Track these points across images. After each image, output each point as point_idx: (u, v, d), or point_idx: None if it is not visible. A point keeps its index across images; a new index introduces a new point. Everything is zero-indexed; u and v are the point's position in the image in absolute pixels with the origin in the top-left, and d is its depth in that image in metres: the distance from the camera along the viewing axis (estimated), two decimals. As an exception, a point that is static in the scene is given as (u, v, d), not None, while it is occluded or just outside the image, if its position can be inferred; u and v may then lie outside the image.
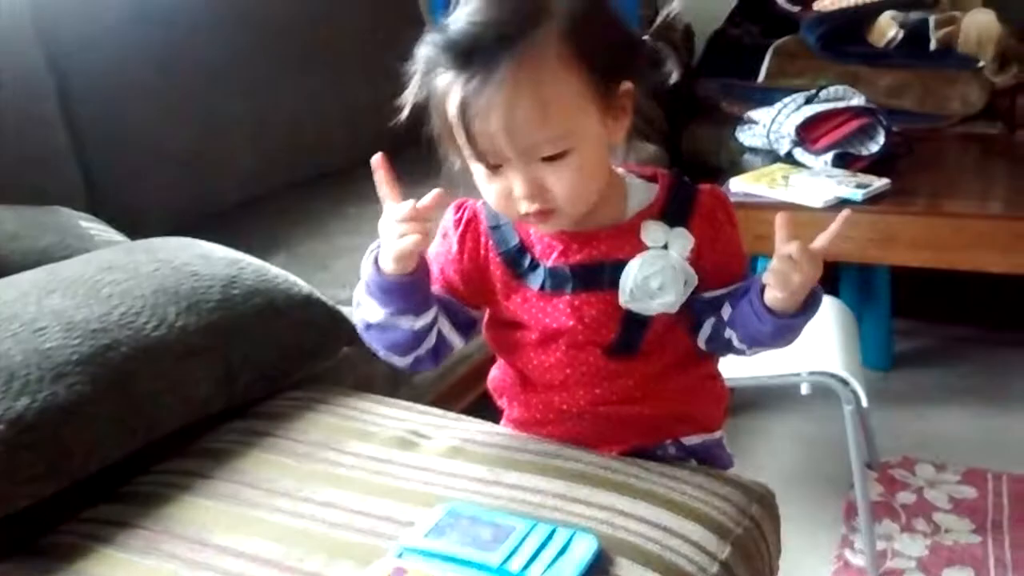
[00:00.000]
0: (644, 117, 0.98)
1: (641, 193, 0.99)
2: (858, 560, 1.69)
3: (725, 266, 0.99)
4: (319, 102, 2.33)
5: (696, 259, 0.97)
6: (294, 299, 1.31)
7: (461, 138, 0.88)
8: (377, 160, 0.95)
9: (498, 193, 0.91)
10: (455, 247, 1.02)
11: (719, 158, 2.58)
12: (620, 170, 1.00)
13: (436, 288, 1.03)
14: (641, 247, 0.96)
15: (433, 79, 0.89)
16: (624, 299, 0.96)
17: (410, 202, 0.92)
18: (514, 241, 0.99)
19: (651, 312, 0.97)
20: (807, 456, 2.02)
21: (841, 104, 2.19)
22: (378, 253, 0.95)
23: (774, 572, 1.05)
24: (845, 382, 1.60)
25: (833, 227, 0.93)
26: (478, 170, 0.92)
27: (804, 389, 1.63)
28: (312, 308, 1.33)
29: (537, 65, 0.85)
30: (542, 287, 0.98)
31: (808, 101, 2.27)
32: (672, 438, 1.08)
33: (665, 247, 0.96)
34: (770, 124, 2.28)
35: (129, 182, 1.92)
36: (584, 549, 0.90)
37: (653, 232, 0.96)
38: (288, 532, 0.97)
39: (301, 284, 1.34)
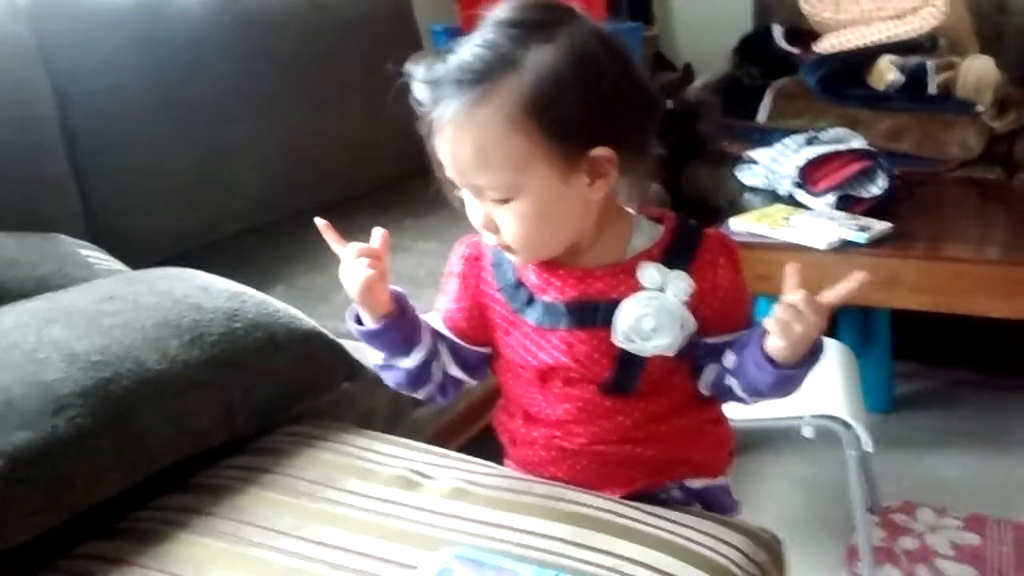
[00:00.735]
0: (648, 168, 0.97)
1: (646, 234, 0.99)
2: (860, 607, 1.67)
3: (728, 313, 0.98)
4: (320, 134, 2.33)
5: (696, 304, 0.96)
6: (295, 333, 1.29)
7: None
8: (321, 224, 1.03)
9: (473, 218, 0.95)
10: (458, 285, 1.05)
11: (719, 197, 2.58)
12: (630, 210, 1.00)
13: (444, 327, 1.06)
14: (637, 287, 0.96)
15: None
16: (617, 339, 0.96)
17: (356, 244, 0.99)
18: (512, 277, 1.00)
19: (646, 353, 0.97)
20: (807, 500, 2.00)
21: (842, 147, 2.19)
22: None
23: (782, 621, 1.04)
24: (848, 425, 1.59)
25: (845, 285, 0.92)
26: (464, 193, 0.95)
27: (807, 432, 1.62)
28: (313, 343, 1.31)
29: (487, 116, 0.87)
30: (539, 322, 0.98)
31: (808, 143, 2.28)
32: (674, 480, 1.07)
33: (662, 289, 0.95)
34: (770, 164, 2.29)
35: (129, 209, 1.91)
36: (592, 596, 0.88)
37: (649, 273, 0.96)
38: (286, 572, 0.96)
39: (303, 318, 1.33)
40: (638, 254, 0.97)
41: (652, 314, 0.95)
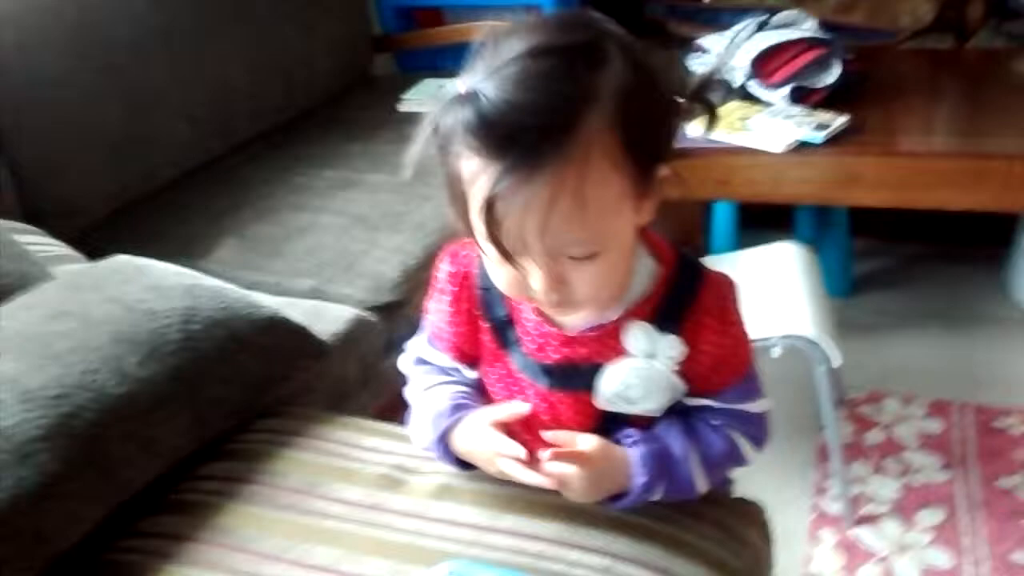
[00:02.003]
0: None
1: (643, 279, 0.89)
2: (834, 508, 1.73)
3: (710, 373, 0.91)
4: (247, 58, 2.21)
5: (686, 363, 0.89)
6: (256, 325, 1.25)
7: (481, 229, 0.76)
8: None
9: (511, 279, 0.82)
10: (452, 308, 0.96)
11: (668, 82, 2.52)
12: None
13: (442, 351, 1.00)
14: (623, 351, 0.89)
15: (455, 156, 0.76)
16: (600, 403, 0.91)
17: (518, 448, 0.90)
18: (501, 312, 0.93)
19: (631, 412, 0.92)
20: (775, 398, 2.02)
21: (795, 34, 2.13)
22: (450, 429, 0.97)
23: (772, 591, 1.06)
24: (816, 343, 1.60)
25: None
26: (490, 251, 0.79)
27: (775, 353, 1.63)
28: (276, 331, 1.27)
29: (584, 165, 0.73)
30: (521, 370, 0.94)
31: (760, 28, 2.20)
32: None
33: (651, 355, 0.89)
34: (723, 53, 2.22)
35: (59, 171, 1.81)
36: (591, 610, 0.89)
37: (638, 339, 0.88)
38: (284, 605, 0.95)
39: (262, 305, 1.28)
40: (631, 310, 0.88)
41: (639, 384, 0.89)
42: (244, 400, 1.22)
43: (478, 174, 0.74)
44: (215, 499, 1.10)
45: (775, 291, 1.74)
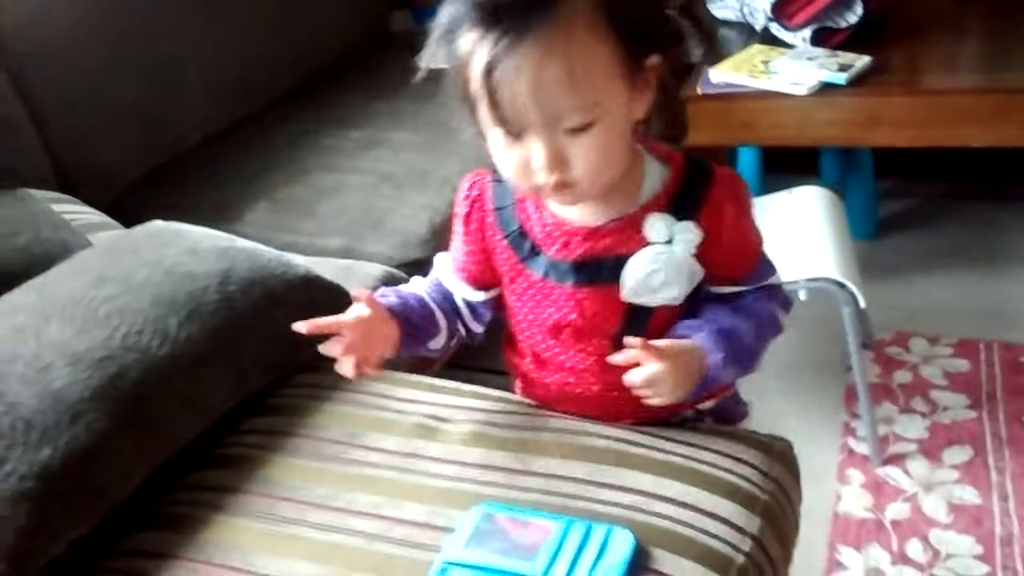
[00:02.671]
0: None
1: (654, 179, 0.95)
2: (862, 448, 1.75)
3: (733, 258, 0.98)
4: (265, 20, 2.24)
5: (703, 250, 0.95)
6: (292, 283, 1.28)
7: (483, 102, 0.84)
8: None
9: (516, 163, 0.88)
10: (464, 228, 1.02)
11: (690, 29, 2.50)
12: (639, 147, 0.96)
13: (456, 273, 1.06)
14: (644, 242, 0.94)
15: (456, 39, 0.84)
16: (626, 295, 0.96)
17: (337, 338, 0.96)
18: (515, 225, 0.98)
19: (654, 304, 0.97)
20: (802, 342, 2.05)
21: (815, -25, 2.11)
22: None
23: (797, 526, 1.09)
24: (842, 284, 1.61)
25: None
26: (495, 137, 0.88)
27: (802, 296, 1.64)
28: (311, 289, 1.31)
29: (569, 30, 0.81)
30: (544, 276, 0.98)
31: (780, -30, 2.18)
32: (690, 408, 1.09)
33: (669, 242, 0.94)
34: (742, -3, 2.21)
35: (90, 139, 1.86)
36: (622, 546, 0.93)
37: (657, 227, 0.94)
38: (330, 549, 0.99)
39: (296, 264, 1.32)
40: (645, 204, 0.94)
41: (661, 269, 0.94)
42: (282, 356, 1.26)
43: (477, 45, 0.83)
44: (259, 452, 1.15)
45: (800, 235, 1.76)
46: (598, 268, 0.96)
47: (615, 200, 0.94)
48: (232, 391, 1.19)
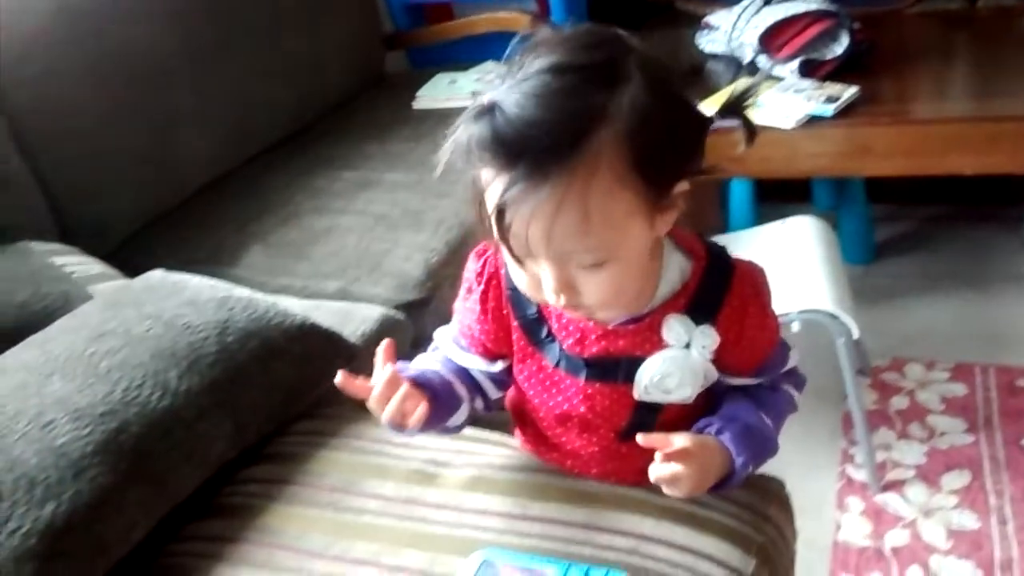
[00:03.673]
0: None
1: (674, 275, 0.92)
2: (860, 475, 1.76)
3: (751, 356, 0.97)
4: (262, 67, 2.25)
5: (720, 353, 0.93)
6: (289, 333, 1.30)
7: (495, 231, 0.81)
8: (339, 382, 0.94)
9: (527, 280, 0.86)
10: (478, 306, 0.99)
11: (679, 63, 2.54)
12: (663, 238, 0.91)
13: (466, 345, 1.03)
14: (661, 345, 0.92)
15: (473, 158, 0.80)
16: (639, 394, 0.94)
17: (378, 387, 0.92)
18: (532, 310, 0.96)
19: (665, 402, 0.96)
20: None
21: (801, 7, 2.14)
22: None
23: (793, 564, 1.10)
24: (835, 316, 1.63)
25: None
26: (507, 253, 0.85)
27: (795, 327, 1.66)
28: (308, 339, 1.32)
29: (588, 179, 0.76)
30: (557, 364, 0.97)
31: (766, 2, 2.22)
32: None
33: (687, 345, 0.92)
34: (731, 31, 2.24)
35: (90, 193, 1.87)
36: (620, 591, 0.94)
37: (676, 331, 0.91)
38: (330, 600, 1.01)
39: (292, 313, 1.33)
40: (664, 304, 0.92)
41: (676, 372, 0.92)
42: (281, 405, 1.28)
43: (491, 182, 0.79)
44: (258, 501, 1.16)
45: (793, 266, 1.77)
46: (613, 367, 0.94)
47: (631, 302, 0.92)
48: (231, 442, 1.21)
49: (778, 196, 2.37)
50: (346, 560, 1.05)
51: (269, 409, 1.26)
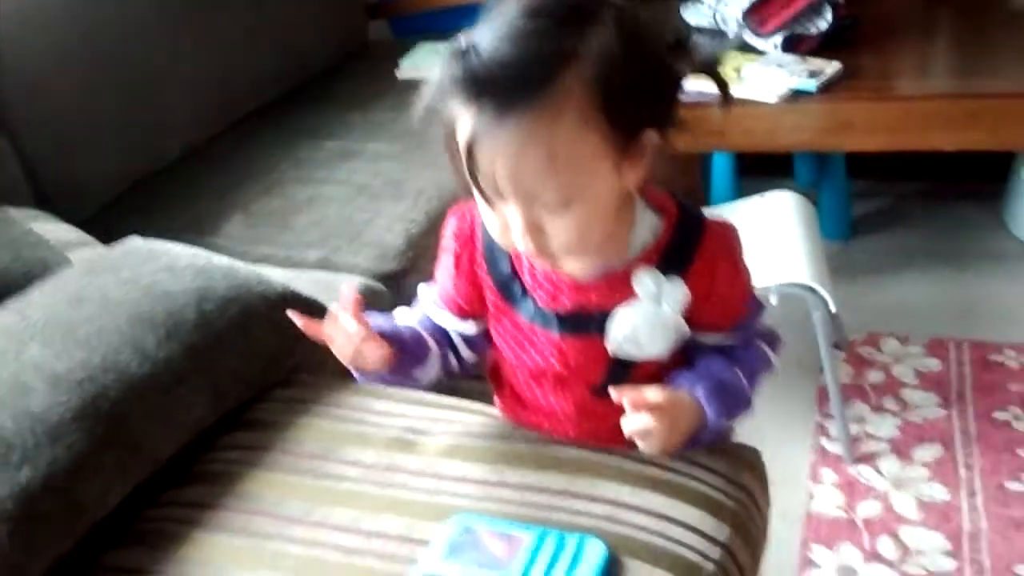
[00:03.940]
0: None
1: (645, 230, 0.94)
2: (835, 448, 1.78)
3: (723, 312, 0.98)
4: (243, 33, 2.23)
5: (692, 309, 0.94)
6: (269, 300, 1.30)
7: (464, 169, 0.83)
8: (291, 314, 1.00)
9: (496, 223, 0.88)
10: (453, 264, 1.01)
11: (664, 35, 2.53)
12: (634, 194, 0.93)
13: (442, 305, 1.05)
14: (632, 296, 0.93)
15: (446, 98, 0.82)
16: (611, 348, 0.95)
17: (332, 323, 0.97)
18: (505, 269, 0.98)
19: (639, 359, 0.97)
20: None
21: (785, -19, 2.14)
22: None
23: (766, 532, 1.12)
24: (814, 290, 1.64)
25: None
26: (478, 195, 0.87)
27: (773, 300, 1.67)
28: (288, 305, 1.29)
29: (554, 117, 0.78)
30: (531, 320, 0.98)
31: (751, -24, 2.21)
32: None
33: (658, 299, 0.93)
34: (716, 4, 2.24)
35: (69, 156, 1.86)
36: (594, 556, 0.95)
37: (646, 283, 0.93)
38: (307, 564, 1.01)
39: (272, 282, 1.33)
40: (636, 259, 0.93)
41: (647, 325, 0.93)
42: (260, 372, 1.28)
43: (462, 115, 0.81)
44: (237, 468, 1.16)
45: (772, 240, 1.79)
46: (585, 321, 0.95)
47: (605, 250, 0.93)
48: (210, 408, 1.21)
49: (760, 171, 2.38)
50: (325, 526, 1.05)
51: (248, 376, 1.26)
